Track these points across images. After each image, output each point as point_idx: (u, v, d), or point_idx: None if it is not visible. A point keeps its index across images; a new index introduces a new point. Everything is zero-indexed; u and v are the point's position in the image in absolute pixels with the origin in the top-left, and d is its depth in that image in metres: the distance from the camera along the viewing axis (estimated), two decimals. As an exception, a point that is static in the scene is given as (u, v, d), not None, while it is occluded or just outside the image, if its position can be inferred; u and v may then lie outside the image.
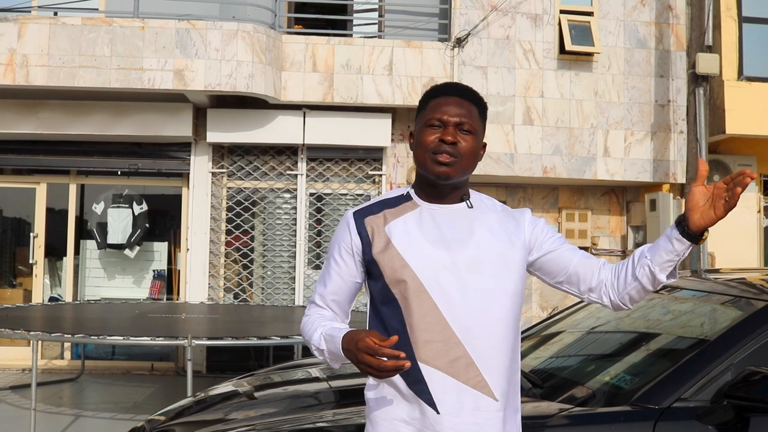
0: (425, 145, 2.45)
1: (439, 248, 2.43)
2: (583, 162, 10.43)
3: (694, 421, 3.02)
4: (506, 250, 2.48)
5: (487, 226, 2.49)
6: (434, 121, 2.46)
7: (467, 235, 2.46)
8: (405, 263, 2.41)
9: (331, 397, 3.99)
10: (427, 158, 2.45)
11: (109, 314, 8.87)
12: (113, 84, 9.33)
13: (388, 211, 2.52)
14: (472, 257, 2.43)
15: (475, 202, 2.55)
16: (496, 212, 2.56)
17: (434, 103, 2.49)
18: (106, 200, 10.72)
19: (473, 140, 2.46)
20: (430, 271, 2.40)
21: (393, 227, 2.48)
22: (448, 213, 2.50)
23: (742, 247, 10.70)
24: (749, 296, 3.79)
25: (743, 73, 10.85)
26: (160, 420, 3.81)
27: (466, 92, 2.53)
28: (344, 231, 2.54)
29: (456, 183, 2.49)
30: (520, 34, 10.44)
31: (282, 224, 10.65)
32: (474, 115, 2.48)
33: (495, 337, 2.41)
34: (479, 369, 2.39)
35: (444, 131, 2.44)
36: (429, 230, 2.46)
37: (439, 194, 2.51)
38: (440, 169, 2.42)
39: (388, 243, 2.45)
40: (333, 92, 10.05)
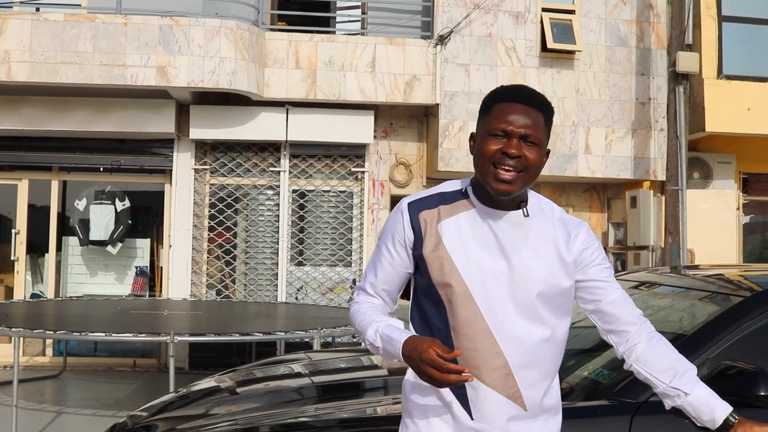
0: (486, 155, 2.33)
1: (489, 255, 2.37)
2: (564, 159, 10.49)
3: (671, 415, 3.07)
4: (556, 264, 2.40)
5: (541, 238, 2.40)
6: (498, 131, 2.33)
7: (520, 246, 2.38)
8: (453, 266, 2.36)
9: (314, 392, 4.02)
10: (487, 170, 2.33)
11: (91, 311, 8.86)
12: (96, 80, 9.31)
13: (444, 207, 2.43)
14: (522, 269, 2.36)
15: (533, 210, 2.43)
16: (553, 222, 2.45)
17: (499, 109, 2.35)
18: (88, 197, 10.70)
19: (538, 153, 2.34)
20: (478, 278, 2.35)
21: (445, 226, 2.40)
22: (503, 220, 2.40)
23: (721, 243, 10.79)
24: (727, 292, 3.84)
25: (723, 72, 10.94)
26: (142, 416, 3.82)
27: (533, 99, 2.38)
28: (398, 221, 2.47)
29: (517, 196, 2.39)
30: (503, 32, 10.49)
31: (265, 221, 10.66)
32: (540, 125, 2.35)
33: (538, 351, 2.39)
34: (516, 379, 2.37)
35: (508, 143, 2.31)
36: (481, 235, 2.39)
37: (496, 200, 2.39)
38: (501, 186, 2.30)
39: (439, 242, 2.39)
40: (316, 89, 10.06)
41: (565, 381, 3.43)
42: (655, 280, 4.56)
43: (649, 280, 4.56)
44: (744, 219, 11.88)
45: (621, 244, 11.12)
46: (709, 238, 10.68)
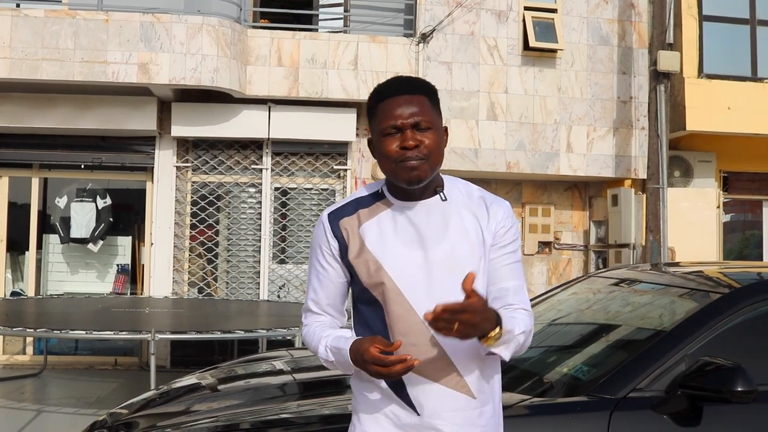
0: (389, 156, 2.34)
1: (413, 248, 2.38)
2: (546, 157, 10.53)
3: (649, 411, 3.10)
4: (479, 245, 2.40)
5: (461, 221, 2.41)
6: (389, 129, 2.34)
7: (441, 233, 2.39)
8: (380, 266, 2.37)
9: (295, 389, 4.02)
10: (395, 168, 2.34)
11: (72, 309, 8.82)
12: (77, 77, 9.26)
13: (362, 211, 2.46)
14: (446, 255, 2.36)
15: (450, 193, 2.44)
16: (471, 202, 2.45)
17: (382, 107, 2.37)
18: (69, 194, 10.64)
19: (434, 134, 2.35)
20: (405, 272, 2.36)
21: (366, 229, 2.42)
22: (421, 210, 2.41)
23: (701, 242, 10.86)
24: (706, 289, 3.87)
25: (703, 71, 11.01)
26: (122, 413, 3.81)
27: (412, 86, 2.40)
28: (321, 234, 2.48)
29: (428, 182, 2.39)
30: (485, 31, 10.51)
31: (247, 218, 10.64)
32: (427, 108, 2.37)
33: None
34: (458, 369, 2.37)
35: (402, 137, 2.33)
36: (403, 230, 2.40)
37: (411, 192, 2.41)
38: (412, 175, 2.32)
39: (362, 245, 2.40)
40: (298, 87, 10.05)
41: (545, 377, 3.47)
42: (635, 277, 4.59)
43: (630, 277, 4.59)
44: (724, 218, 11.96)
45: (602, 242, 11.17)
46: (689, 237, 10.74)
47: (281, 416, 3.31)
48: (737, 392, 2.96)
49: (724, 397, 3.00)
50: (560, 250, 11.38)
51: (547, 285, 10.90)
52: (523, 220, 11.18)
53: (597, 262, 11.22)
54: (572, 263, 11.38)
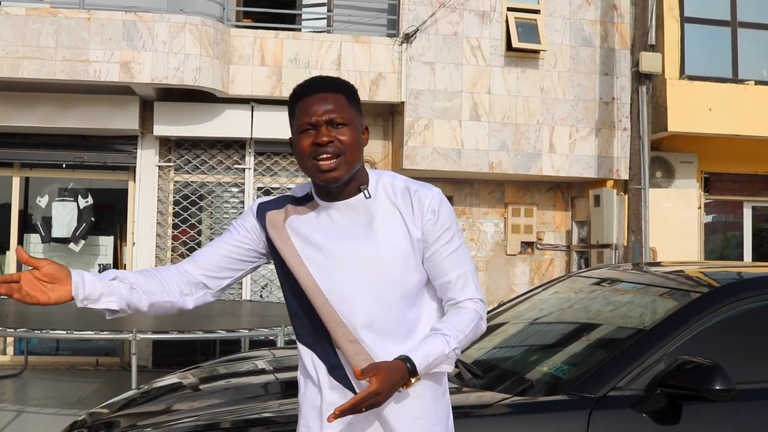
0: (304, 153, 2.37)
1: (334, 246, 2.40)
2: (528, 158, 10.56)
3: (629, 409, 3.12)
4: (403, 241, 2.40)
5: (384, 217, 2.41)
6: (304, 125, 2.37)
7: (364, 230, 2.40)
8: (300, 261, 2.42)
9: (277, 388, 4.01)
10: (310, 166, 2.37)
11: (53, 309, 8.75)
12: (58, 76, 9.22)
13: (290, 206, 2.51)
14: (368, 253, 2.38)
15: (374, 190, 2.45)
16: (396, 195, 2.45)
17: (299, 106, 2.40)
18: (50, 193, 10.59)
19: (350, 130, 2.37)
20: (324, 269, 2.39)
21: (291, 223, 2.47)
22: (345, 209, 2.43)
23: (683, 242, 10.92)
24: (686, 288, 3.90)
25: (685, 72, 11.08)
26: (102, 413, 3.79)
27: (327, 84, 2.44)
28: (246, 215, 2.54)
29: (348, 179, 2.40)
30: (468, 31, 10.53)
31: (229, 218, 10.61)
32: (343, 105, 2.39)
33: (392, 332, 2.38)
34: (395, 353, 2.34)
35: (317, 133, 2.35)
36: (326, 228, 2.42)
37: (334, 192, 2.43)
38: (326, 176, 2.35)
39: (286, 239, 2.45)
40: (281, 86, 10.04)
41: (525, 376, 3.48)
42: (616, 276, 4.61)
43: (610, 277, 4.62)
44: (706, 219, 12.03)
45: (584, 243, 11.21)
46: (671, 237, 10.80)
47: (263, 415, 3.31)
48: (716, 391, 2.98)
49: (702, 396, 3.02)
50: (543, 251, 11.42)
51: (530, 285, 10.93)
52: (505, 220, 11.21)
53: (579, 263, 11.27)
54: (554, 263, 11.42)
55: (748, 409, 3.27)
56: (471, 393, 3.36)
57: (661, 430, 3.14)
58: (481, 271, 11.06)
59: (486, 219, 11.23)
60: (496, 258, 11.20)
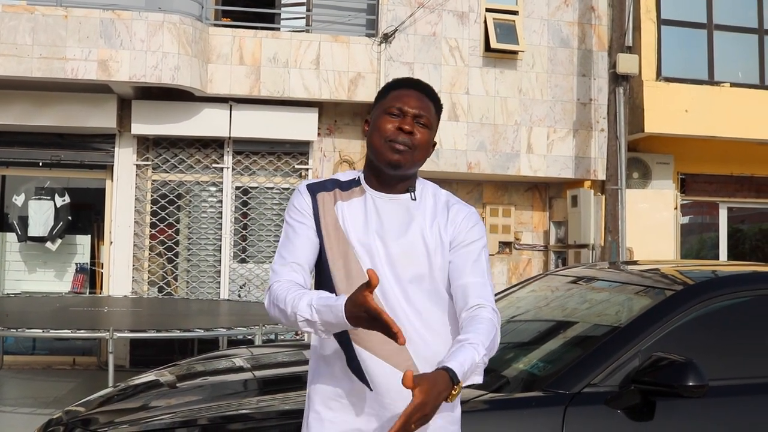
0: (383, 132, 2.51)
1: (376, 238, 2.51)
2: (506, 158, 10.60)
3: (603, 406, 3.15)
4: (436, 243, 2.54)
5: (427, 220, 2.56)
6: (394, 109, 2.53)
7: (405, 228, 2.53)
8: (348, 246, 2.51)
9: (255, 386, 4.02)
10: (382, 145, 2.51)
11: (30, 308, 8.72)
12: (35, 73, 9.16)
13: (339, 191, 2.60)
14: (405, 249, 2.51)
15: (420, 194, 2.61)
16: (439, 204, 2.61)
17: (396, 93, 2.57)
18: (27, 192, 10.52)
19: (428, 134, 2.55)
20: (368, 257, 2.50)
21: (339, 208, 2.56)
22: (391, 203, 2.57)
23: (659, 242, 10.99)
24: (661, 286, 3.93)
25: (662, 74, 11.15)
26: (79, 411, 3.77)
27: (426, 89, 2.62)
28: (298, 197, 2.60)
29: (405, 174, 2.56)
30: (447, 32, 10.56)
31: (207, 218, 10.59)
32: (431, 112, 2.58)
33: (425, 325, 2.51)
34: (410, 353, 2.47)
35: (402, 120, 2.51)
36: (372, 218, 2.54)
37: (386, 183, 2.57)
38: (394, 156, 2.49)
39: (335, 222, 2.54)
40: (260, 85, 10.03)
41: (502, 373, 3.50)
42: (592, 275, 4.65)
43: (587, 275, 4.65)
44: (682, 219, 12.11)
45: (562, 243, 11.27)
46: (647, 237, 10.87)
47: (240, 412, 3.32)
48: (689, 387, 3.02)
49: (676, 392, 3.05)
50: (520, 251, 11.46)
51: (507, 285, 10.97)
52: (483, 220, 11.21)
53: (557, 263, 11.32)
54: (532, 263, 11.47)
55: (721, 405, 3.31)
56: (447, 389, 3.37)
57: (635, 426, 3.17)
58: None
59: (464, 219, 11.24)
60: (474, 258, 11.21)
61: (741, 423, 3.34)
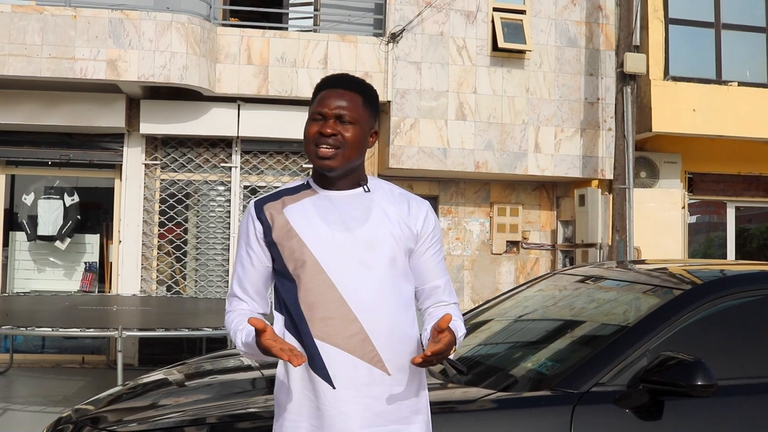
0: (308, 138, 2.56)
1: (335, 229, 2.53)
2: (514, 157, 10.60)
3: (611, 405, 3.15)
4: (399, 230, 2.57)
5: (382, 208, 2.58)
6: (316, 114, 2.56)
7: (364, 218, 2.55)
8: (303, 243, 2.52)
9: (263, 384, 4.02)
10: (311, 150, 2.55)
11: (39, 306, 8.75)
12: (44, 73, 9.20)
13: (287, 197, 2.63)
14: (368, 236, 2.53)
15: (373, 187, 2.64)
16: (393, 195, 2.65)
17: (319, 96, 2.59)
18: (36, 191, 10.56)
19: (355, 130, 2.54)
20: (327, 250, 2.51)
21: (290, 210, 2.58)
22: (345, 197, 2.59)
23: (667, 242, 10.98)
24: (669, 285, 3.93)
25: (669, 73, 11.14)
26: (88, 409, 3.79)
27: (350, 83, 2.61)
28: (246, 221, 2.64)
29: (344, 172, 2.57)
30: (454, 31, 10.57)
31: (216, 217, 10.62)
32: (357, 105, 2.57)
33: (390, 313, 2.52)
34: (374, 344, 2.49)
35: (324, 124, 2.53)
36: (326, 212, 2.55)
37: (333, 182, 2.60)
38: (323, 162, 2.52)
39: (286, 224, 2.55)
40: (268, 85, 10.05)
41: (510, 372, 3.51)
42: (600, 274, 4.65)
43: (595, 274, 4.65)
44: (690, 219, 12.10)
45: (569, 242, 11.27)
46: (655, 237, 10.86)
47: (248, 410, 3.32)
48: (698, 386, 3.02)
49: (684, 392, 3.05)
50: (528, 250, 11.46)
51: (515, 284, 10.96)
52: (491, 219, 11.25)
53: (564, 262, 11.32)
54: (540, 263, 11.47)
55: (730, 404, 3.31)
56: (456, 389, 3.39)
57: (644, 426, 3.17)
58: (467, 270, 11.10)
59: (471, 218, 11.27)
60: (482, 257, 11.24)
61: (750, 422, 3.33)
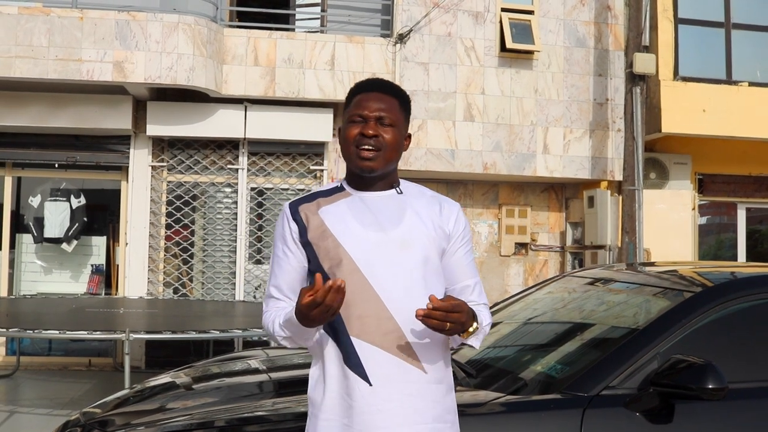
0: (348, 140, 2.59)
1: (370, 229, 2.56)
2: (522, 158, 10.56)
3: (622, 408, 3.11)
4: (432, 230, 2.61)
5: (415, 209, 2.62)
6: (356, 116, 2.59)
7: (398, 217, 2.59)
8: (338, 243, 2.55)
9: (271, 387, 4.01)
10: (351, 152, 2.59)
11: (46, 309, 8.74)
12: (51, 75, 9.19)
13: (322, 199, 2.66)
14: (402, 236, 2.56)
15: (405, 189, 2.68)
16: (425, 197, 2.69)
17: (357, 99, 2.62)
18: (43, 193, 10.56)
19: (394, 132, 2.59)
20: (362, 250, 2.54)
21: (326, 211, 2.61)
22: (378, 198, 2.62)
23: (676, 243, 10.93)
24: (680, 288, 3.89)
25: (679, 73, 11.08)
26: (96, 412, 3.77)
27: (386, 87, 2.65)
28: (281, 222, 2.67)
29: (381, 174, 2.61)
30: (462, 32, 10.53)
31: (223, 219, 10.60)
32: (395, 109, 2.61)
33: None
34: (410, 342, 2.51)
35: (365, 125, 2.57)
36: (361, 213, 2.59)
37: (368, 184, 2.63)
38: (364, 163, 2.56)
39: (322, 225, 2.58)
40: (275, 86, 10.03)
41: (519, 376, 3.47)
42: (609, 276, 4.61)
43: (604, 277, 4.61)
44: (700, 220, 12.04)
45: (579, 244, 11.22)
46: (665, 238, 10.81)
47: (256, 413, 3.30)
48: (709, 389, 2.98)
49: (695, 395, 3.02)
50: (537, 252, 11.42)
51: (524, 286, 10.93)
52: (499, 221, 11.21)
53: (573, 264, 11.27)
54: (549, 264, 11.42)
55: (741, 408, 3.27)
56: (465, 392, 3.35)
57: (654, 429, 3.13)
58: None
59: (480, 220, 11.23)
60: (490, 259, 11.20)
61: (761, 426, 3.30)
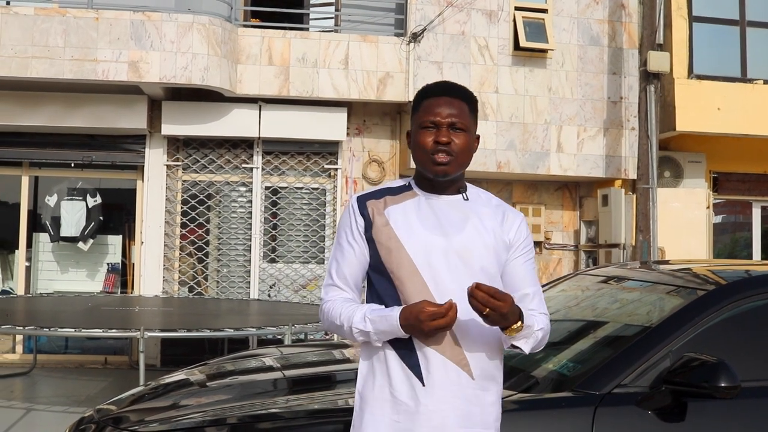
0: (423, 147, 2.60)
1: (433, 233, 2.58)
2: (536, 157, 10.55)
3: (634, 406, 3.12)
4: (493, 240, 2.62)
5: (479, 217, 2.63)
6: (428, 123, 2.59)
7: (461, 224, 2.60)
8: (401, 245, 2.58)
9: (285, 385, 4.02)
10: (425, 159, 2.60)
11: (62, 307, 8.81)
12: (67, 75, 9.25)
13: (389, 197, 2.68)
14: (464, 243, 2.58)
15: (471, 195, 2.70)
16: (491, 206, 2.70)
17: (426, 104, 2.63)
18: (59, 193, 10.62)
19: (466, 137, 2.60)
20: (423, 253, 2.56)
21: (392, 211, 2.64)
22: (444, 203, 2.65)
23: (691, 242, 10.88)
24: (693, 286, 3.89)
25: (693, 71, 11.05)
26: (110, 409, 3.80)
27: (456, 91, 2.66)
28: (348, 214, 2.69)
29: (454, 178, 2.64)
30: (475, 30, 10.53)
31: (237, 218, 10.64)
32: (465, 113, 2.62)
33: (478, 319, 2.50)
34: (462, 348, 2.55)
35: (438, 132, 2.57)
36: (426, 216, 2.61)
37: (437, 187, 2.66)
38: (439, 168, 2.57)
39: (387, 224, 2.62)
40: (289, 86, 10.06)
41: (531, 374, 3.48)
42: (623, 274, 4.61)
43: (618, 275, 4.61)
44: (715, 219, 11.99)
45: (593, 242, 11.19)
46: (679, 237, 10.77)
47: (269, 411, 3.32)
48: (721, 388, 2.98)
49: (708, 393, 3.02)
50: (551, 250, 11.41)
51: (537, 284, 10.90)
52: (513, 219, 11.19)
53: (587, 262, 11.25)
54: (563, 263, 11.41)
55: (754, 406, 3.27)
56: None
57: (666, 428, 3.14)
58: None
59: (494, 218, 11.20)
60: (504, 257, 11.17)
61: (774, 424, 3.30)
